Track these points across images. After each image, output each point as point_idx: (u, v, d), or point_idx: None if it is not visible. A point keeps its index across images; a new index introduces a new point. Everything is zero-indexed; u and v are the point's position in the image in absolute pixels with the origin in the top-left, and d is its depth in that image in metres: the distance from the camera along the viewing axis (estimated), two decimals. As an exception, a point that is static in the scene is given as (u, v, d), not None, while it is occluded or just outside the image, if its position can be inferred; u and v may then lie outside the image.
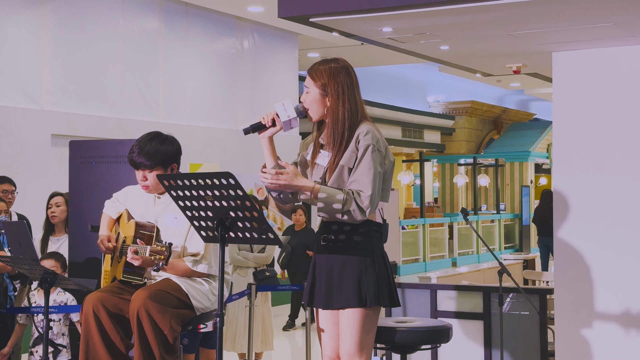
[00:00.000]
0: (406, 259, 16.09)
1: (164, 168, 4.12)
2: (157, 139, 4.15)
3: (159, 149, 4.11)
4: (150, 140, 4.13)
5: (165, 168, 4.13)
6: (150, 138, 4.14)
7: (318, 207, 3.47)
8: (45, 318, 4.30)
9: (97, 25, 9.81)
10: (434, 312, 5.56)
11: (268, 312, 7.34)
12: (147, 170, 4.10)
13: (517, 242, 20.47)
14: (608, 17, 4.33)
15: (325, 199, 3.42)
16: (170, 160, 4.15)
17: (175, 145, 4.19)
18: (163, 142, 4.15)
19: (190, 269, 4.05)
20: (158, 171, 4.09)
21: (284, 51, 12.89)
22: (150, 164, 4.08)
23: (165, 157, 4.12)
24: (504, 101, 24.50)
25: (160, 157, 4.10)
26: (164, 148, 4.12)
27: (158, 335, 3.86)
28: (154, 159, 4.08)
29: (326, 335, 3.65)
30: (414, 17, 4.42)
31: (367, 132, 3.49)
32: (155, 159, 4.08)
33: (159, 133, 4.20)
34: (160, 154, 4.10)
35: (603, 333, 4.93)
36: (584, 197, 5.02)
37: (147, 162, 4.08)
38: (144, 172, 4.11)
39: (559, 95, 5.14)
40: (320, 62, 3.60)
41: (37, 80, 9.08)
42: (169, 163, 4.15)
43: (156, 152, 4.09)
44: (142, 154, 4.08)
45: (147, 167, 4.09)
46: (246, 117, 11.98)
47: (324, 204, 3.43)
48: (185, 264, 4.05)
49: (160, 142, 4.14)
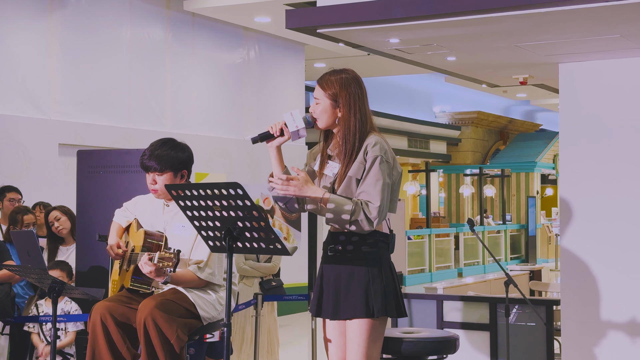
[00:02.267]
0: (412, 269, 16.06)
1: (174, 173, 4.14)
2: (169, 144, 4.19)
3: (170, 154, 4.14)
4: (163, 145, 4.17)
5: (176, 173, 4.15)
6: (162, 143, 4.18)
7: (327, 216, 3.48)
8: (54, 327, 4.31)
9: (104, 35, 9.85)
10: (440, 323, 5.56)
11: (274, 323, 7.33)
12: (157, 174, 4.12)
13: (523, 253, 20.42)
14: (615, 29, 4.34)
15: (334, 209, 3.43)
16: (180, 166, 4.17)
17: (187, 153, 4.22)
18: (174, 148, 4.18)
19: (197, 278, 4.06)
20: (168, 175, 4.11)
21: (290, 61, 12.92)
22: (160, 168, 4.10)
23: (176, 162, 4.14)
24: (510, 112, 24.49)
25: (171, 161, 4.12)
26: (174, 153, 4.15)
27: (165, 345, 3.87)
28: (164, 162, 4.11)
29: (333, 346, 3.66)
30: (421, 28, 4.44)
31: (376, 143, 3.50)
32: (165, 162, 4.11)
33: (172, 139, 4.24)
34: (170, 158, 4.13)
35: (610, 344, 4.92)
36: (590, 208, 5.02)
37: (157, 166, 4.10)
38: (153, 176, 4.14)
39: (566, 107, 5.14)
40: (330, 73, 3.61)
41: (44, 90, 9.11)
42: (180, 169, 4.17)
43: (167, 157, 4.12)
44: (152, 157, 4.12)
45: (157, 171, 4.11)
46: (252, 127, 12.00)
47: (333, 214, 3.44)
48: (193, 274, 4.06)
49: (171, 148, 4.17)
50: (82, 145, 9.07)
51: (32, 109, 8.96)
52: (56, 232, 5.92)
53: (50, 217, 5.93)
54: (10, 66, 8.73)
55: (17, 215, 6.02)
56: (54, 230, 5.92)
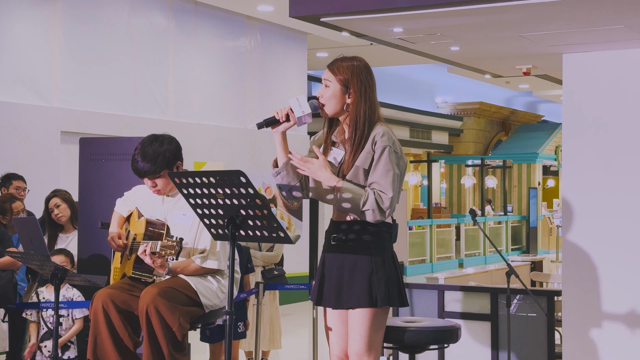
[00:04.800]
0: (413, 259, 16.09)
1: (169, 169, 4.12)
2: (156, 141, 4.13)
3: (159, 151, 4.09)
4: (150, 144, 4.11)
5: (171, 169, 4.13)
6: (149, 142, 4.12)
7: (338, 203, 3.47)
8: (56, 314, 4.32)
9: (107, 23, 9.84)
10: (441, 313, 5.56)
11: (276, 311, 7.34)
12: (155, 178, 4.09)
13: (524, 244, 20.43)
14: (619, 20, 4.33)
15: (348, 197, 3.42)
16: (174, 160, 4.14)
17: (174, 144, 4.18)
18: (162, 144, 4.13)
19: (200, 267, 4.06)
20: (164, 175, 4.09)
21: (293, 50, 12.90)
22: (156, 169, 4.07)
23: (169, 158, 4.11)
24: (513, 103, 24.47)
25: (164, 159, 4.09)
26: (164, 149, 4.11)
27: (167, 333, 3.88)
28: (158, 162, 4.07)
29: (334, 335, 3.66)
30: (425, 17, 4.42)
31: (384, 133, 3.50)
32: (159, 162, 4.07)
33: (155, 136, 4.18)
34: (163, 156, 4.08)
35: (611, 335, 4.92)
36: (593, 199, 5.02)
37: (153, 167, 4.07)
38: (152, 180, 4.11)
39: (569, 97, 5.14)
40: (342, 59, 3.59)
41: (47, 78, 9.11)
42: (173, 162, 4.14)
43: (158, 156, 4.07)
44: (145, 160, 4.07)
45: (155, 173, 4.08)
46: (254, 116, 11.99)
47: (345, 201, 3.44)
48: (195, 264, 4.06)
49: (159, 144, 4.12)
50: (85, 133, 9.07)
51: (34, 96, 8.95)
52: (55, 219, 5.92)
53: (50, 204, 5.93)
54: (13, 54, 8.72)
55: (4, 204, 6.00)
56: (54, 217, 5.92)
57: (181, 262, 4.06)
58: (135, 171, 4.12)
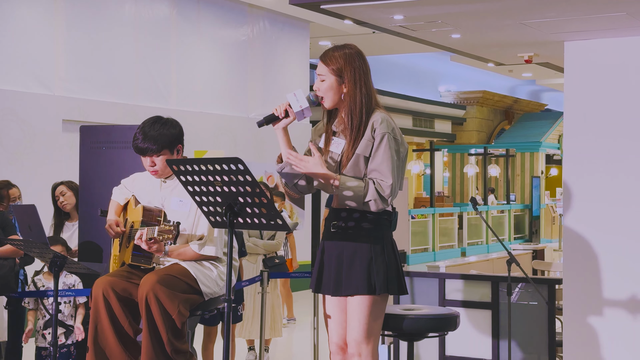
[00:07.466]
0: (415, 248, 16.10)
1: (170, 151, 4.12)
2: (159, 122, 4.14)
3: (163, 132, 4.10)
4: (153, 124, 4.12)
5: (172, 150, 4.13)
6: (152, 123, 4.13)
7: (340, 198, 3.49)
8: (55, 301, 4.32)
9: (109, 12, 9.82)
10: (442, 301, 5.56)
11: (277, 299, 7.35)
12: (155, 155, 4.10)
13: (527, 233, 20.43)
14: (621, 7, 4.31)
15: (348, 192, 3.42)
16: (175, 142, 4.15)
17: (177, 128, 4.18)
18: (165, 125, 4.14)
19: (197, 254, 4.06)
20: (165, 155, 4.09)
21: (295, 39, 12.88)
22: (157, 148, 4.07)
23: (171, 140, 4.11)
24: (516, 91, 24.42)
25: (166, 139, 4.09)
26: (167, 131, 4.12)
27: (166, 320, 3.88)
28: (159, 142, 4.07)
29: (333, 322, 3.66)
30: (426, 4, 4.41)
31: (382, 120, 3.49)
32: (160, 142, 4.07)
33: (159, 117, 4.19)
34: (165, 136, 4.09)
35: (611, 324, 4.92)
36: (594, 187, 5.00)
37: (154, 147, 4.07)
38: (151, 158, 4.11)
39: (571, 85, 5.12)
40: (333, 49, 3.58)
41: (49, 66, 9.10)
42: (175, 145, 4.15)
43: (160, 136, 4.08)
44: (147, 139, 4.07)
45: (154, 152, 4.09)
46: (257, 104, 11.98)
47: (346, 195, 3.44)
48: (193, 250, 4.06)
49: (162, 125, 4.12)
50: (86, 122, 9.06)
51: (36, 84, 8.95)
52: (61, 206, 5.97)
53: (57, 192, 5.99)
54: (15, 42, 8.71)
55: (1, 190, 6.01)
56: (59, 205, 5.96)
57: (178, 246, 4.06)
58: (136, 149, 4.13)
